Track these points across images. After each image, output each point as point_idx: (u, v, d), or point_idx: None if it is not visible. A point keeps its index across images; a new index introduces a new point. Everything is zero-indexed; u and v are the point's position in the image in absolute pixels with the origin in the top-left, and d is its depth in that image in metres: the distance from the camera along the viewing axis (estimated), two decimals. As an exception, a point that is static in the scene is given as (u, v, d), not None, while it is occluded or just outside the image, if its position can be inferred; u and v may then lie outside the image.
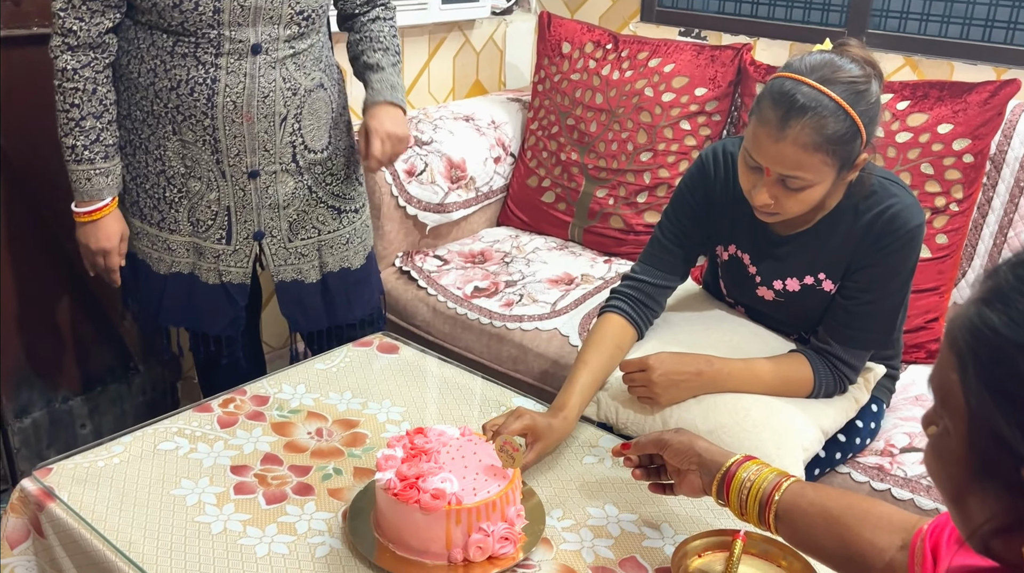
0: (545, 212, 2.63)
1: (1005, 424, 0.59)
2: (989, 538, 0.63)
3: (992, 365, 0.61)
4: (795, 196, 1.38)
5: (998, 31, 2.30)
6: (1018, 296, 0.61)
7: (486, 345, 2.19)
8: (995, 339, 0.60)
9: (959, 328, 0.63)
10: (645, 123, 2.45)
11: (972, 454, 0.63)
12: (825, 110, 1.31)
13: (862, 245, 1.47)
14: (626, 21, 2.89)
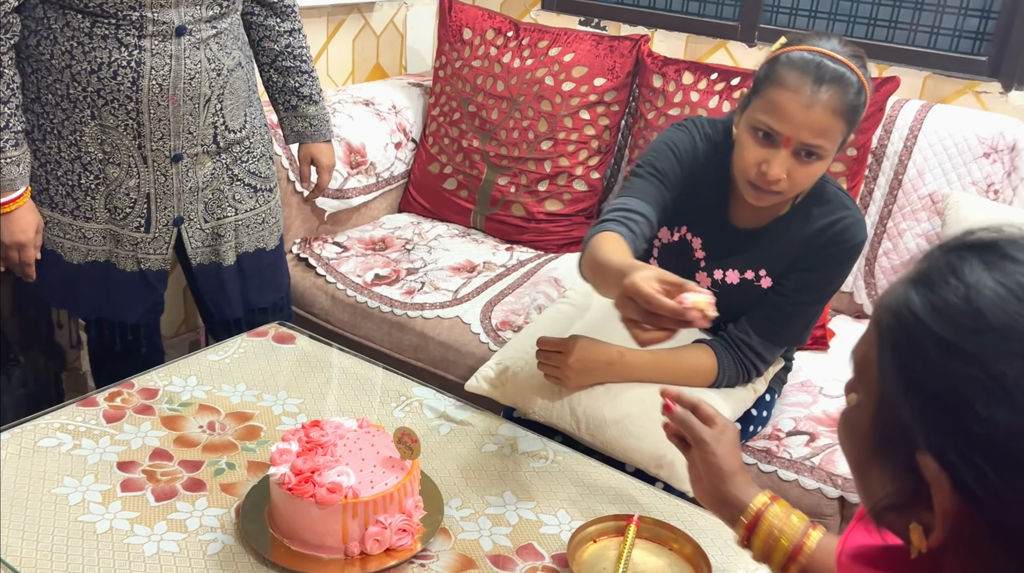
0: (447, 199, 2.62)
1: (908, 409, 0.59)
2: (884, 512, 0.64)
3: (906, 349, 0.60)
4: (807, 169, 1.39)
5: (880, 29, 2.40)
6: (944, 283, 0.59)
7: (387, 333, 2.17)
8: (914, 323, 0.60)
9: (885, 306, 0.63)
10: (546, 112, 2.47)
11: (875, 431, 0.63)
12: (850, 82, 1.36)
13: (809, 249, 1.51)
14: (527, 9, 2.90)
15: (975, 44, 2.29)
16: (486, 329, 2.08)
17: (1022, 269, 0.58)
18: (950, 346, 0.57)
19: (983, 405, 0.55)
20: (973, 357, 0.56)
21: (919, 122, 2.14)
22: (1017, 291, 0.57)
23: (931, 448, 0.58)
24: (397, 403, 1.56)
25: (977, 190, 2.07)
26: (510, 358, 1.61)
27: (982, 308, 0.57)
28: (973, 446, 0.56)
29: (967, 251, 0.60)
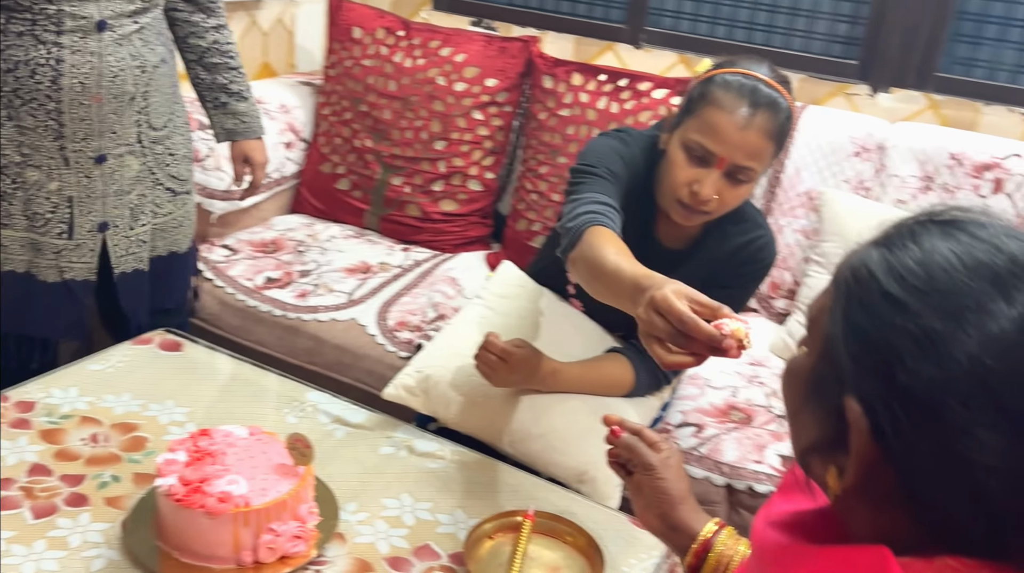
0: (340, 199, 2.59)
1: (846, 355, 0.63)
2: (808, 455, 0.68)
3: (856, 301, 0.63)
4: (736, 191, 1.41)
5: (759, 33, 2.50)
6: (903, 247, 0.63)
7: (279, 338, 2.14)
8: (868, 278, 0.63)
9: (847, 263, 0.67)
10: (439, 112, 2.47)
11: (812, 375, 0.67)
12: (782, 107, 1.38)
13: (727, 267, 1.54)
14: (417, 8, 2.89)
15: (846, 48, 2.42)
16: (382, 331, 2.07)
17: (976, 243, 0.62)
18: (895, 301, 0.61)
19: (912, 358, 0.59)
20: (913, 313, 0.60)
21: (795, 123, 2.24)
22: (967, 261, 0.61)
23: (858, 392, 0.62)
24: (291, 409, 1.54)
25: (849, 187, 2.19)
26: (431, 366, 1.57)
27: (932, 272, 0.61)
28: (895, 395, 0.60)
29: (930, 223, 0.65)
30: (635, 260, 1.20)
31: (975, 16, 2.25)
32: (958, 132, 2.15)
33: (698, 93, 1.41)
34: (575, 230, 1.33)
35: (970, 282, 0.60)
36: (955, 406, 0.58)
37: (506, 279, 1.70)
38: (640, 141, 1.52)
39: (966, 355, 0.58)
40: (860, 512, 0.65)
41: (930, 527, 0.61)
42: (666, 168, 1.44)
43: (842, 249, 2.17)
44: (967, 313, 0.59)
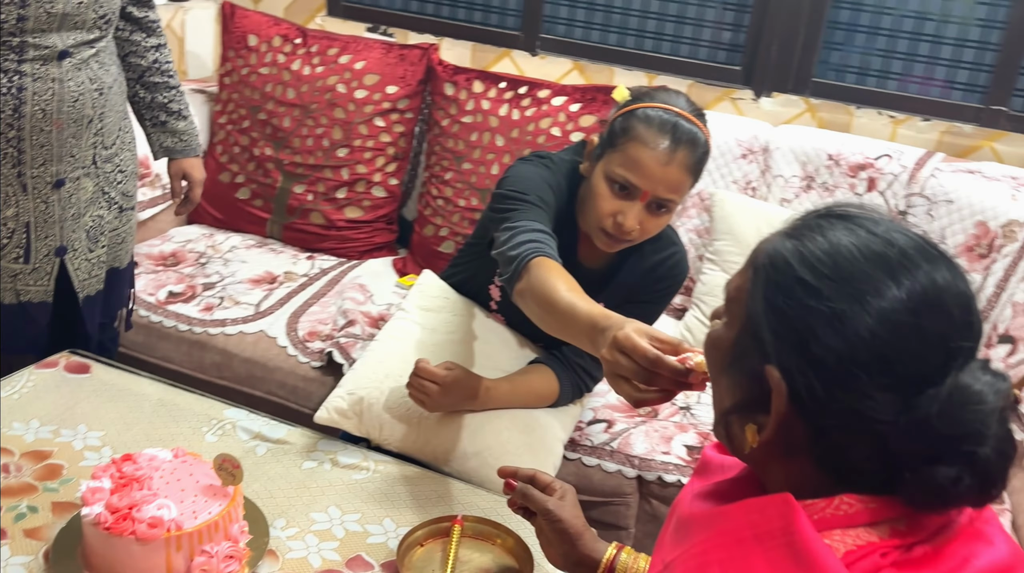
0: (241, 209, 2.56)
1: (767, 329, 0.73)
2: (730, 414, 0.78)
3: (775, 284, 0.74)
4: (658, 220, 1.46)
5: (648, 40, 2.61)
6: (810, 237, 0.74)
7: (186, 353, 2.11)
8: (783, 265, 0.74)
9: (762, 251, 0.77)
10: (340, 119, 2.47)
11: (735, 346, 0.78)
12: (700, 142, 1.44)
13: (644, 283, 1.61)
14: (312, 14, 2.88)
15: (730, 55, 2.55)
16: (293, 342, 2.07)
17: (872, 237, 0.73)
18: (808, 286, 0.72)
19: (823, 333, 0.70)
20: (824, 296, 0.71)
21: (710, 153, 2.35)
22: (865, 251, 0.72)
23: (778, 361, 0.73)
24: (209, 427, 1.54)
25: (738, 188, 2.31)
26: (363, 388, 1.57)
27: (837, 261, 0.72)
28: (810, 364, 0.71)
29: (833, 217, 0.77)
30: (587, 296, 1.24)
31: (845, 25, 2.41)
32: (834, 134, 2.31)
33: (620, 127, 1.45)
34: (518, 260, 1.35)
35: (868, 270, 0.71)
36: (858, 373, 0.69)
37: (428, 290, 1.73)
38: (562, 166, 1.56)
39: (867, 330, 0.69)
40: (773, 464, 0.76)
41: (834, 472, 0.73)
42: (590, 198, 1.48)
43: (734, 247, 2.30)
44: (867, 296, 0.70)
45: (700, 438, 1.87)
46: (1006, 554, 0.71)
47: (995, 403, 0.67)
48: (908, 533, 0.70)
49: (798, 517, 0.68)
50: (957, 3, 2.29)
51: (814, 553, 0.67)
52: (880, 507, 0.70)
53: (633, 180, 1.42)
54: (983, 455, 0.67)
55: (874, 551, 0.69)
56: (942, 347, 0.70)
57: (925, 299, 0.70)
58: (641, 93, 1.49)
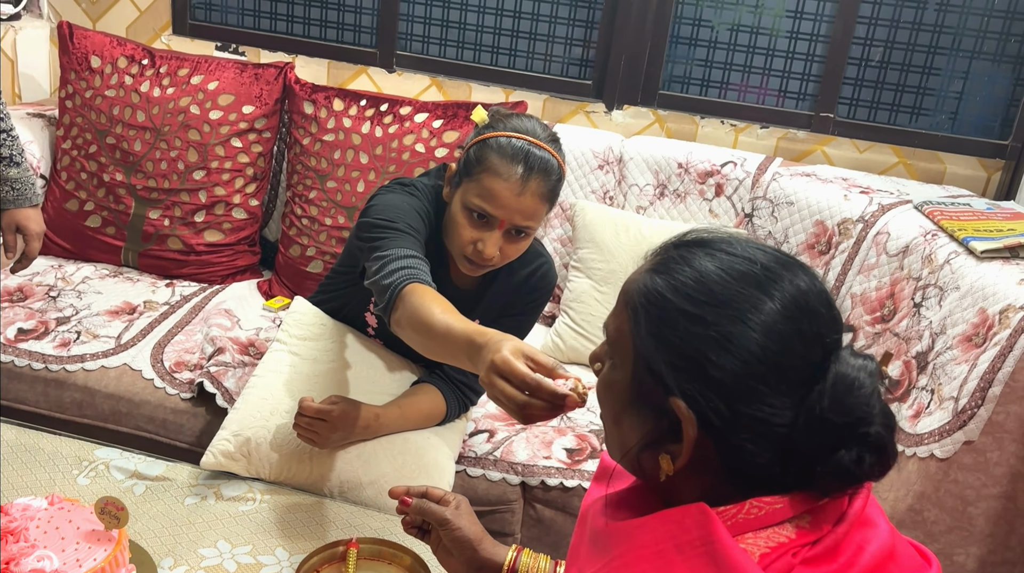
0: (91, 238, 2.45)
1: (663, 363, 0.77)
2: (638, 453, 0.81)
3: (657, 320, 0.78)
4: (517, 245, 1.51)
5: (503, 57, 2.67)
6: (677, 269, 0.79)
7: (43, 393, 1.99)
8: (661, 301, 0.78)
9: (635, 290, 0.81)
10: (194, 141, 2.40)
11: (633, 385, 0.80)
12: (553, 170, 1.48)
13: (517, 297, 1.65)
14: (157, 33, 2.78)
15: (581, 70, 2.65)
16: (159, 374, 2.00)
17: (734, 258, 0.79)
18: (690, 315, 0.76)
19: (716, 356, 0.75)
20: (709, 322, 0.75)
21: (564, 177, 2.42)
22: (732, 273, 0.77)
23: (680, 392, 0.76)
24: (79, 470, 1.47)
25: (596, 197, 2.41)
26: (249, 427, 1.54)
27: (712, 286, 0.77)
28: (711, 387, 0.75)
29: (692, 245, 0.81)
30: (461, 315, 1.26)
31: (686, 40, 2.56)
32: (682, 143, 2.44)
33: (475, 156, 1.48)
34: (392, 289, 1.36)
35: (741, 289, 0.76)
36: (757, 385, 0.74)
37: (303, 319, 1.70)
38: (426, 192, 1.59)
39: (756, 344, 0.74)
40: (685, 483, 0.79)
41: (743, 479, 0.77)
42: (451, 226, 1.52)
43: (596, 254, 2.39)
44: (747, 313, 0.75)
45: (578, 440, 1.94)
46: (886, 533, 0.79)
47: (871, 384, 0.75)
48: (812, 530, 0.75)
49: (715, 525, 0.73)
50: (785, 20, 2.47)
51: (734, 559, 0.71)
52: (785, 506, 0.75)
53: (489, 210, 1.46)
54: (875, 433, 0.74)
55: (786, 551, 0.74)
56: (819, 344, 0.76)
57: (796, 304, 0.76)
58: (496, 119, 1.52)
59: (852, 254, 2.11)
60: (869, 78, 2.48)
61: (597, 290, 2.26)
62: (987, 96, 2.45)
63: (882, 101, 2.49)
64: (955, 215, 2.02)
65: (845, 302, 2.08)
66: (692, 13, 2.53)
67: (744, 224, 2.30)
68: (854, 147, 2.49)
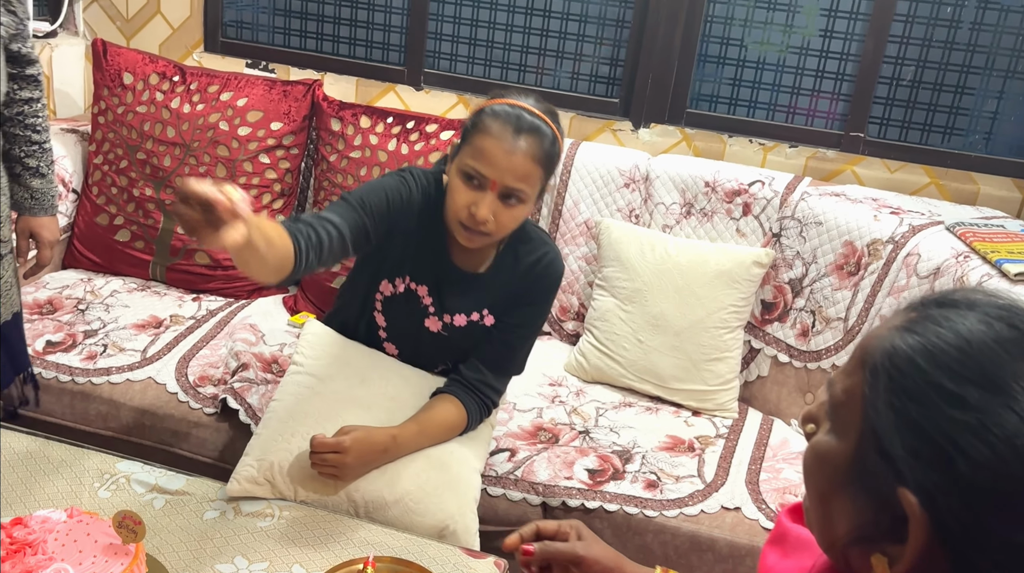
0: (120, 251, 2.47)
1: (899, 444, 0.62)
2: (848, 546, 0.67)
3: (902, 391, 0.64)
4: (511, 212, 1.52)
5: (529, 75, 2.68)
6: (941, 331, 0.64)
7: (69, 405, 2.01)
8: (910, 369, 0.64)
9: (878, 350, 0.66)
10: (223, 157, 2.43)
11: (855, 462, 0.66)
12: (544, 133, 1.52)
13: (523, 284, 1.66)
14: (189, 51, 2.82)
15: (608, 88, 2.64)
16: (183, 387, 2.01)
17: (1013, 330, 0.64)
18: (949, 394, 0.62)
19: (971, 447, 0.60)
20: (970, 405, 0.61)
21: (571, 158, 2.43)
22: (1008, 347, 0.63)
23: (914, 483, 0.62)
24: (101, 482, 1.48)
25: (622, 216, 2.40)
26: (271, 452, 1.53)
27: (979, 360, 0.62)
28: (959, 488, 0.60)
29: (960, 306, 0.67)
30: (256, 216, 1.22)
31: (714, 59, 2.55)
32: (709, 162, 2.42)
33: (471, 123, 1.55)
34: None
35: (1017, 369, 0.61)
36: (1013, 487, 0.59)
37: (318, 340, 1.70)
38: (424, 177, 1.64)
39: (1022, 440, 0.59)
40: None
41: None
42: (448, 194, 1.56)
43: (621, 273, 2.38)
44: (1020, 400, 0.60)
45: (600, 461, 1.92)
46: None
47: None
48: None
49: None
50: (814, 38, 2.45)
51: None
52: None
53: (481, 170, 1.49)
54: None
55: None
56: None
57: None
58: (493, 95, 1.59)
59: (882, 275, 2.07)
60: (900, 97, 2.45)
61: (622, 309, 2.25)
62: (1022, 116, 2.41)
63: (914, 121, 2.46)
64: (988, 237, 1.98)
65: (874, 324, 2.04)
66: (720, 32, 2.52)
67: (772, 244, 2.27)
68: (884, 167, 2.46)
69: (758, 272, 2.22)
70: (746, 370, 2.29)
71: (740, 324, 2.23)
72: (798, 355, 2.20)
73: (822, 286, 2.18)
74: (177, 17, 2.80)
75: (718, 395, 2.20)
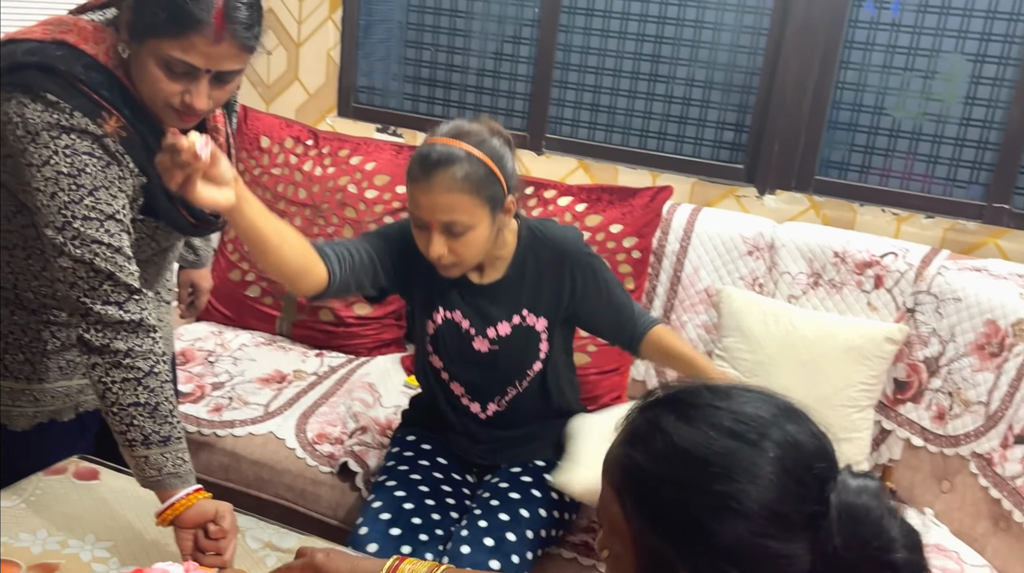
0: (250, 306, 2.58)
1: (659, 539, 0.72)
2: None
3: (642, 494, 0.73)
4: (463, 241, 1.55)
5: (652, 140, 2.66)
6: (651, 436, 0.74)
7: (193, 455, 2.05)
8: (640, 473, 0.74)
9: (613, 469, 0.77)
10: (350, 218, 2.51)
11: (640, 568, 0.75)
12: (458, 158, 1.53)
13: (564, 272, 1.68)
14: (323, 115, 2.95)
15: (732, 154, 2.60)
16: (302, 444, 2.05)
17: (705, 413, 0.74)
18: (675, 482, 0.72)
19: (718, 522, 0.69)
20: (697, 486, 0.71)
21: (691, 224, 2.39)
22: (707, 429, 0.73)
23: (688, 567, 0.71)
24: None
25: (745, 284, 2.33)
26: None
27: (688, 448, 0.72)
28: (721, 556, 0.69)
29: (660, 408, 0.77)
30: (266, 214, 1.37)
31: (846, 126, 2.47)
32: (839, 231, 2.33)
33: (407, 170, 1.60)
34: None
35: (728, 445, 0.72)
36: (767, 542, 0.69)
37: None
38: None
39: (755, 501, 0.69)
40: None
41: None
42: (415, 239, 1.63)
43: (743, 344, 2.30)
44: (732, 470, 0.70)
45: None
46: None
47: (879, 506, 0.70)
48: None
49: None
50: (955, 105, 2.35)
51: None
52: None
53: (416, 213, 1.57)
54: (901, 559, 0.68)
55: None
56: (812, 477, 0.71)
57: (779, 444, 0.72)
58: None
59: (1029, 358, 1.93)
60: (1050, 167, 2.30)
61: (742, 382, 2.17)
62: None
63: (1065, 191, 2.31)
64: None
65: (1020, 410, 1.89)
66: (852, 98, 2.44)
67: (905, 319, 2.15)
68: (1032, 240, 2.30)
69: (890, 349, 2.10)
70: (876, 452, 2.16)
71: (870, 403, 2.11)
72: (934, 439, 2.06)
73: (961, 366, 2.04)
74: (313, 83, 2.94)
75: (845, 477, 2.08)
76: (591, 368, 2.25)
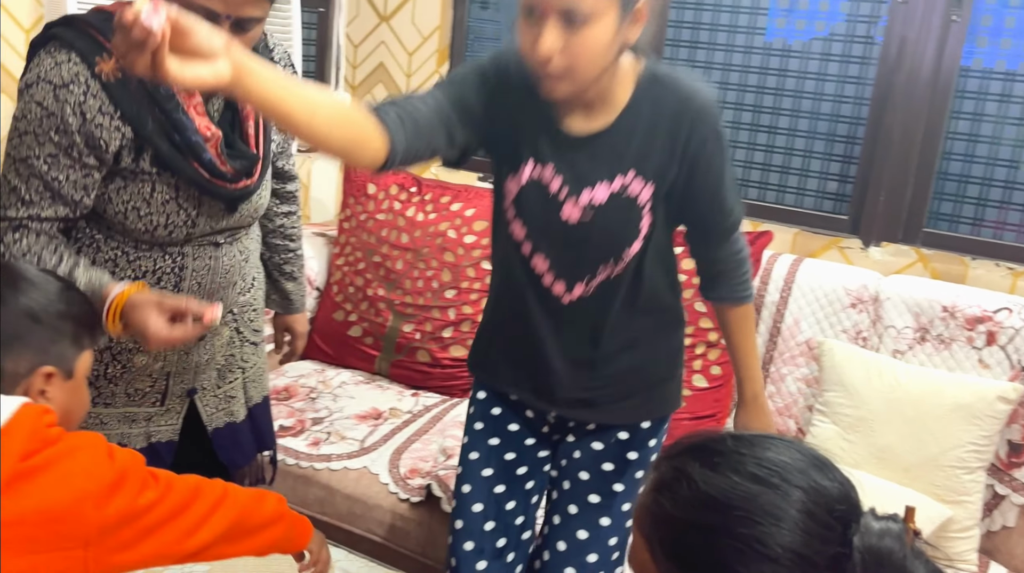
0: (351, 346, 2.66)
1: None
2: None
3: (670, 540, 0.75)
4: (581, 38, 1.26)
5: (753, 190, 2.64)
6: (677, 483, 0.76)
7: (291, 487, 2.15)
8: (667, 520, 0.76)
9: (642, 516, 0.79)
10: (449, 262, 2.57)
11: None
12: None
13: (678, 129, 1.38)
14: (428, 164, 3.04)
15: (836, 204, 2.55)
16: (395, 479, 2.09)
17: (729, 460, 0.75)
18: (701, 528, 0.73)
19: (744, 566, 0.71)
20: (722, 530, 0.72)
21: (792, 274, 2.34)
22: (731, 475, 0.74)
23: None
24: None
25: (847, 337, 2.26)
26: None
27: (712, 494, 0.74)
28: None
29: (686, 455, 0.78)
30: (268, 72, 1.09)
31: (957, 177, 2.39)
32: (949, 285, 2.24)
33: None
34: None
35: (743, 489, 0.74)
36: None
37: None
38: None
39: (779, 545, 0.71)
40: None
41: None
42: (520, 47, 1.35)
43: (844, 398, 2.23)
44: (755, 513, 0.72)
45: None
46: None
47: (902, 548, 0.71)
48: None
49: None
50: (1075, 155, 2.25)
51: None
52: None
53: None
54: None
55: None
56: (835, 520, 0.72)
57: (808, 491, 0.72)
58: None
59: None
60: None
61: (844, 438, 2.10)
62: None
63: None
64: None
65: None
66: (963, 149, 2.37)
67: (1021, 378, 2.04)
68: None
69: (1004, 409, 2.00)
70: (988, 518, 2.05)
71: (981, 465, 2.00)
72: (1053, 507, 1.94)
73: (1083, 430, 1.92)
74: (420, 133, 3.04)
75: (954, 543, 1.98)
76: (684, 413, 2.22)
